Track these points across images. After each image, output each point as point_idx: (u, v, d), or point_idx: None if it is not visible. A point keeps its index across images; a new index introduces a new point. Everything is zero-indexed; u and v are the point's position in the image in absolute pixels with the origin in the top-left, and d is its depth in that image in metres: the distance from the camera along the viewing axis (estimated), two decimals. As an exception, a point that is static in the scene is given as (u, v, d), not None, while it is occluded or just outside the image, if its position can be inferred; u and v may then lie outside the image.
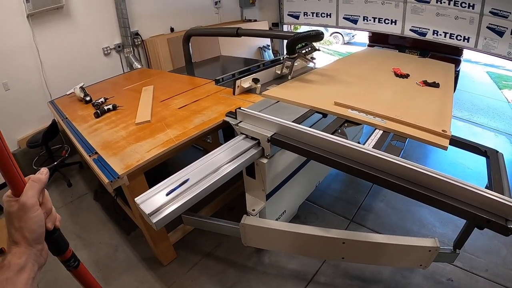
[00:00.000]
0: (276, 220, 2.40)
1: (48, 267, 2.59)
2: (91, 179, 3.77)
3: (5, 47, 3.52)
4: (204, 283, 2.40)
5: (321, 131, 1.77)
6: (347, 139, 1.70)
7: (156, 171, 2.05)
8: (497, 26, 4.18)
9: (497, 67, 9.69)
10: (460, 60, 4.96)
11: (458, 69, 4.95)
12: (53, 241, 0.77)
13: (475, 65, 9.92)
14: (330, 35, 12.99)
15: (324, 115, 2.17)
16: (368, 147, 1.68)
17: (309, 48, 2.77)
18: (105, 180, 1.78)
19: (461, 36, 4.54)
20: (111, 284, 2.44)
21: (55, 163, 3.77)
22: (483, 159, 1.95)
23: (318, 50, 2.90)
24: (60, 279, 2.46)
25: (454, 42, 4.63)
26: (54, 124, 3.54)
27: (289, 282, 2.38)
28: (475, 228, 1.52)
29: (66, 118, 2.77)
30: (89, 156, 2.05)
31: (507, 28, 4.10)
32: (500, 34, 4.19)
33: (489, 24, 4.23)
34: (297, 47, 2.66)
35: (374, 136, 1.88)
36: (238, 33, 3.19)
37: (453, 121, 5.03)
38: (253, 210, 2.09)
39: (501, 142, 4.51)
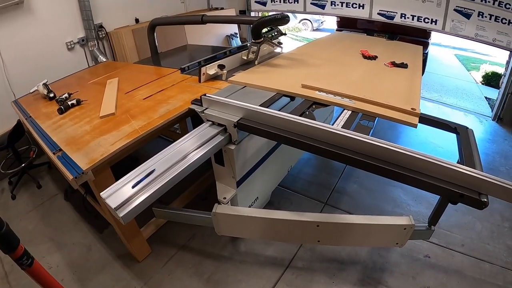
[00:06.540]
0: (249, 207, 2.38)
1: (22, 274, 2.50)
2: (61, 179, 3.63)
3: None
4: (181, 276, 2.36)
5: (289, 113, 1.74)
6: (315, 121, 1.68)
7: (124, 165, 1.97)
8: (464, 8, 4.25)
9: (466, 50, 9.93)
10: (428, 42, 5.04)
11: (426, 52, 5.03)
12: (2, 236, 0.72)
13: (444, 49, 10.13)
14: (299, 22, 12.94)
15: (292, 98, 2.15)
16: (336, 127, 1.67)
17: (275, 33, 2.74)
18: (69, 176, 1.73)
19: (428, 19, 4.59)
20: (87, 284, 2.37)
21: (23, 165, 3.61)
22: (453, 138, 1.97)
23: (285, 34, 2.87)
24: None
25: (422, 25, 4.67)
26: (19, 124, 3.37)
27: (267, 269, 2.38)
28: (449, 204, 1.53)
29: (30, 116, 2.66)
30: (53, 153, 1.98)
31: (474, 10, 4.18)
32: (467, 16, 4.27)
33: (456, 6, 4.29)
34: (262, 31, 2.63)
35: (342, 116, 1.87)
36: (203, 20, 3.12)
37: (422, 102, 5.14)
38: (224, 198, 2.06)
39: (470, 121, 4.64)
